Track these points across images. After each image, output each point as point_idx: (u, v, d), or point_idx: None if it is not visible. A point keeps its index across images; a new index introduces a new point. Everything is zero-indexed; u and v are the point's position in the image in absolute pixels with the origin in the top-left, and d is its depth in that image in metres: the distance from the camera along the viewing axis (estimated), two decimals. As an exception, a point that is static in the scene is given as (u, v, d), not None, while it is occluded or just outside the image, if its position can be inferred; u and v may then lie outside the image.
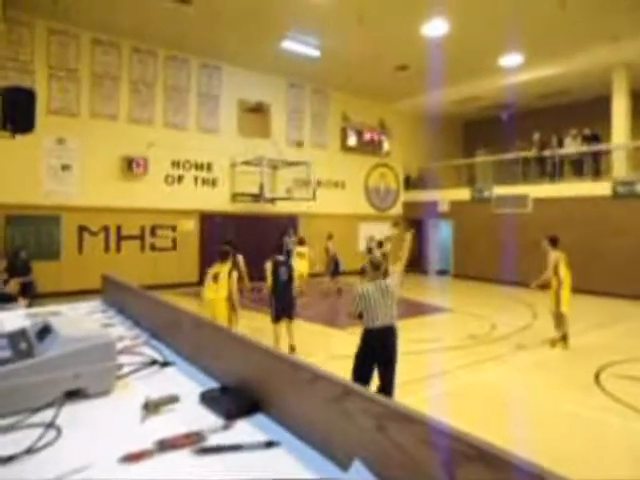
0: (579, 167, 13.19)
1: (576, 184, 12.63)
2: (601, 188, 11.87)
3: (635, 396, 4.86)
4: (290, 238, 10.97)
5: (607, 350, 6.67)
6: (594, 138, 13.05)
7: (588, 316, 9.28)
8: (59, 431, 1.06)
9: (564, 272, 6.83)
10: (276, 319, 6.37)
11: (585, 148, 12.87)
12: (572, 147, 13.20)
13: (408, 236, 5.07)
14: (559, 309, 6.83)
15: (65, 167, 10.79)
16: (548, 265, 6.91)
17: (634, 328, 8.28)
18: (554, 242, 7.04)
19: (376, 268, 4.30)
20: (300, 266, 9.67)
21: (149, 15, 10.15)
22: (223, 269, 5.77)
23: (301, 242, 10.95)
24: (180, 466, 0.96)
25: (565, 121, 14.24)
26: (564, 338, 6.88)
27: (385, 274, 4.38)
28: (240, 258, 8.77)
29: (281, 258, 6.59)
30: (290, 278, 6.41)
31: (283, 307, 6.37)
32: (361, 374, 4.02)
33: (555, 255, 6.94)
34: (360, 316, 4.18)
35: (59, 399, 1.14)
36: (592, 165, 12.91)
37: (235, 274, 5.83)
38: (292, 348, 6.35)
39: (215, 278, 5.73)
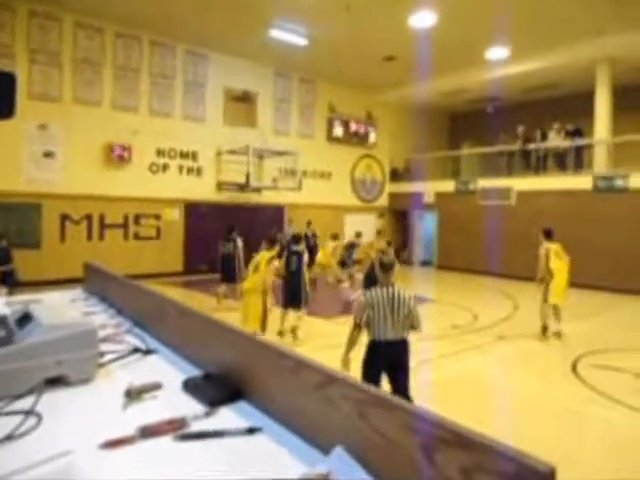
0: (562, 161, 13.37)
1: (559, 178, 12.80)
2: (582, 182, 12.05)
3: (611, 385, 4.99)
4: (289, 229, 11.37)
5: (586, 341, 6.83)
6: (577, 133, 13.22)
7: (568, 308, 9.46)
8: (39, 418, 1.06)
9: (556, 264, 6.80)
10: (283, 307, 6.39)
11: (568, 142, 13.05)
12: (555, 141, 13.37)
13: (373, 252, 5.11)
14: (545, 300, 6.90)
15: (47, 154, 10.57)
16: (539, 257, 6.94)
17: (612, 320, 8.48)
18: (547, 234, 7.04)
19: (386, 269, 3.64)
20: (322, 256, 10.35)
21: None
22: (264, 256, 5.31)
23: (335, 237, 11.44)
24: (162, 452, 0.96)
25: (549, 115, 14.40)
26: (544, 329, 6.97)
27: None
28: (239, 242, 8.83)
29: (294, 248, 6.50)
30: (299, 268, 6.30)
31: (290, 296, 6.36)
32: (369, 380, 3.42)
33: (545, 247, 6.94)
34: (367, 325, 3.62)
35: (39, 386, 1.13)
36: (574, 159, 13.11)
37: (275, 262, 5.38)
38: (292, 330, 6.32)
39: (256, 268, 5.24)
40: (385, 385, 3.53)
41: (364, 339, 3.69)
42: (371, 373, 3.52)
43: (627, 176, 11.16)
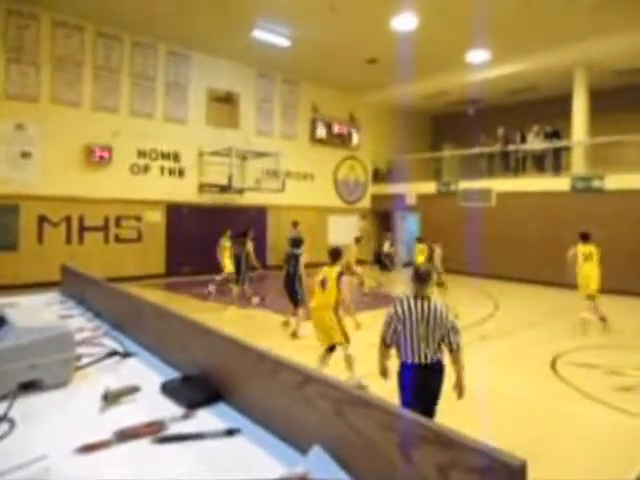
0: (541, 163, 13.62)
1: (537, 179, 13.04)
2: (560, 183, 12.29)
3: (589, 383, 5.10)
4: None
5: (563, 338, 6.96)
6: (555, 135, 13.49)
7: (548, 306, 9.64)
8: (13, 424, 1.04)
9: (580, 264, 7.72)
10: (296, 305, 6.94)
11: (546, 144, 13.30)
12: (534, 143, 13.61)
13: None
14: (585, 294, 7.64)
15: (25, 154, 10.34)
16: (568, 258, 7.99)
17: (589, 318, 8.63)
18: (584, 237, 7.90)
19: (421, 280, 3.13)
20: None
21: (113, -2, 9.81)
22: (331, 273, 4.88)
23: (358, 240, 11.41)
24: (139, 455, 0.95)
25: (528, 118, 14.64)
26: (602, 319, 7.47)
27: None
28: (250, 245, 9.06)
29: (292, 251, 7.03)
30: (295, 271, 6.79)
31: (289, 296, 6.96)
32: (409, 408, 2.40)
33: (573, 249, 7.94)
34: (392, 344, 3.10)
35: (13, 391, 1.11)
36: (553, 161, 13.36)
37: (345, 278, 4.99)
38: (292, 333, 6.71)
39: (322, 284, 4.85)
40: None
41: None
42: (409, 400, 2.95)
43: (603, 177, 11.42)
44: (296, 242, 7.24)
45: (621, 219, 10.97)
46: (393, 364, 3.23)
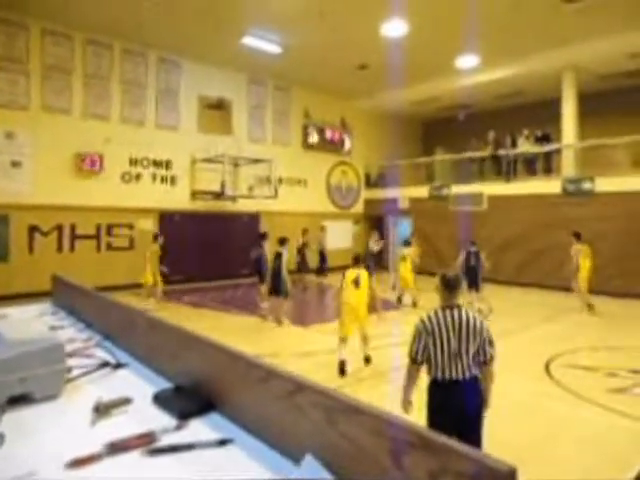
0: (531, 166, 13.74)
1: (528, 182, 13.15)
2: (552, 186, 12.40)
3: (583, 385, 5.13)
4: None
5: (558, 341, 7.00)
6: (545, 138, 13.61)
7: (539, 309, 9.69)
8: (2, 438, 1.03)
9: (581, 261, 9.00)
10: (269, 293, 8.21)
11: (537, 148, 13.42)
12: (525, 147, 13.73)
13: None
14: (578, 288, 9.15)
15: (15, 163, 10.27)
16: (572, 256, 9.18)
17: (583, 320, 8.70)
18: (577, 236, 9.23)
19: (451, 288, 2.88)
20: (403, 268, 10.10)
21: (103, 5, 9.79)
22: (362, 273, 5.77)
23: (407, 243, 11.15)
24: (131, 468, 0.95)
25: (519, 122, 14.77)
26: (589, 306, 9.04)
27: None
28: (265, 247, 9.31)
29: (278, 249, 8.17)
30: (280, 265, 7.98)
31: (274, 287, 8.00)
32: (442, 431, 1.64)
33: (576, 248, 9.16)
34: (423, 361, 2.81)
35: (2, 405, 1.10)
36: (543, 164, 13.48)
37: (374, 278, 6.14)
38: (277, 319, 8.02)
39: (356, 283, 5.70)
40: None
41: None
42: (439, 422, 2.63)
43: (593, 179, 11.54)
44: (281, 241, 8.26)
45: (611, 220, 11.08)
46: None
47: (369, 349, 5.79)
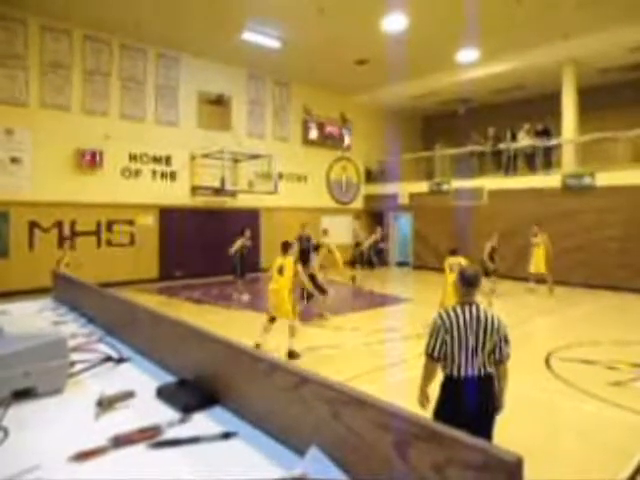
0: (532, 160, 13.70)
1: (529, 177, 13.12)
2: (552, 180, 12.38)
3: (583, 378, 5.14)
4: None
5: (559, 335, 7.01)
6: (545, 133, 13.57)
7: (539, 302, 9.70)
8: (6, 432, 1.03)
9: (544, 249, 10.47)
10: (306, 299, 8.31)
11: (537, 142, 13.38)
12: (525, 141, 13.69)
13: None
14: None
15: (14, 160, 10.24)
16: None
17: (583, 314, 8.72)
18: (539, 226, 10.56)
19: (470, 284, 2.85)
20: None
21: (102, 1, 9.73)
22: (288, 261, 5.97)
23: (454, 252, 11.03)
24: (135, 461, 0.95)
25: (519, 116, 14.71)
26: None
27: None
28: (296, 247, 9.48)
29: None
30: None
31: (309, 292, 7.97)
32: None
33: (539, 236, 10.55)
34: (440, 358, 2.76)
35: (6, 399, 1.10)
36: (544, 159, 13.44)
37: (299, 265, 6.24)
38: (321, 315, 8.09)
39: (280, 271, 5.92)
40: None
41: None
42: (450, 418, 2.45)
43: (594, 174, 11.52)
44: (315, 247, 8.75)
45: (611, 214, 11.08)
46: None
47: (295, 343, 5.80)
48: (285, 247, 6.13)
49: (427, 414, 2.79)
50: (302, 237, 11.94)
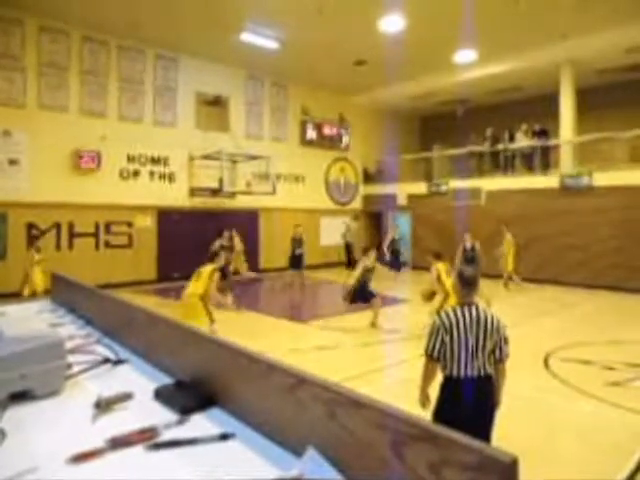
0: (530, 161, 13.73)
1: (527, 177, 13.14)
2: (550, 181, 12.40)
3: (581, 378, 5.15)
4: None
5: (557, 335, 7.02)
6: (543, 133, 13.60)
7: (537, 303, 9.73)
8: (3, 435, 1.03)
9: (509, 248, 10.94)
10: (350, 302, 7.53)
11: (535, 143, 13.41)
12: (523, 142, 13.72)
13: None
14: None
15: (12, 161, 10.22)
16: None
17: (580, 314, 8.74)
18: (507, 226, 11.12)
19: (469, 285, 2.87)
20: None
21: (100, 2, 9.72)
22: (205, 269, 5.92)
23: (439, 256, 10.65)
24: (133, 462, 0.95)
25: (517, 117, 14.74)
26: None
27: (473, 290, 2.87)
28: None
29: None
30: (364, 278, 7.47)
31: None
32: None
33: (506, 236, 10.99)
34: (440, 358, 2.76)
35: (3, 401, 1.10)
36: (541, 159, 13.47)
37: (217, 275, 6.02)
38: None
39: (197, 276, 5.91)
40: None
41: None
42: (450, 419, 2.50)
43: (591, 174, 11.54)
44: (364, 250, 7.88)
45: (609, 214, 11.11)
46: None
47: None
48: (211, 257, 6.26)
49: (427, 414, 2.81)
50: (294, 239, 11.83)
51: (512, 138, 14.07)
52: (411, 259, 15.99)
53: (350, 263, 14.71)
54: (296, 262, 11.54)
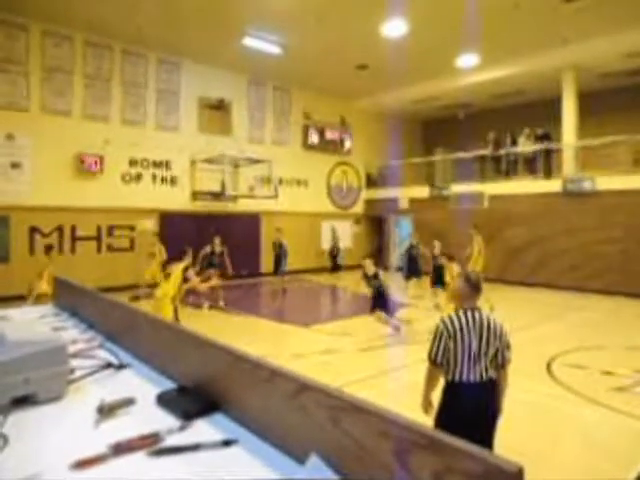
0: (532, 165, 13.73)
1: (529, 181, 13.14)
2: (552, 185, 12.39)
3: (584, 384, 5.12)
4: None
5: (558, 341, 6.99)
6: (546, 137, 13.60)
7: (540, 308, 9.69)
8: (6, 440, 1.03)
9: (478, 249, 10.86)
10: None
11: (537, 147, 13.41)
12: (525, 146, 13.73)
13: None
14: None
15: (15, 165, 10.27)
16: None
17: (582, 319, 8.71)
18: (476, 227, 11.04)
19: (474, 289, 2.82)
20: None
21: (103, 7, 9.80)
22: (176, 268, 5.89)
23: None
24: (136, 468, 0.95)
25: (519, 121, 14.76)
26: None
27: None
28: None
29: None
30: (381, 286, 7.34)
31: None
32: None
33: (476, 238, 10.96)
34: (443, 363, 2.75)
35: (6, 406, 1.10)
36: (544, 163, 13.47)
37: (190, 271, 6.03)
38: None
39: (167, 276, 5.91)
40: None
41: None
42: (452, 424, 2.57)
43: (594, 178, 11.53)
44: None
45: (611, 219, 11.08)
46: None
47: None
48: (180, 254, 6.26)
49: (430, 420, 2.79)
50: (274, 243, 12.03)
51: (514, 142, 14.07)
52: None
53: (335, 268, 14.83)
54: (275, 267, 11.84)
